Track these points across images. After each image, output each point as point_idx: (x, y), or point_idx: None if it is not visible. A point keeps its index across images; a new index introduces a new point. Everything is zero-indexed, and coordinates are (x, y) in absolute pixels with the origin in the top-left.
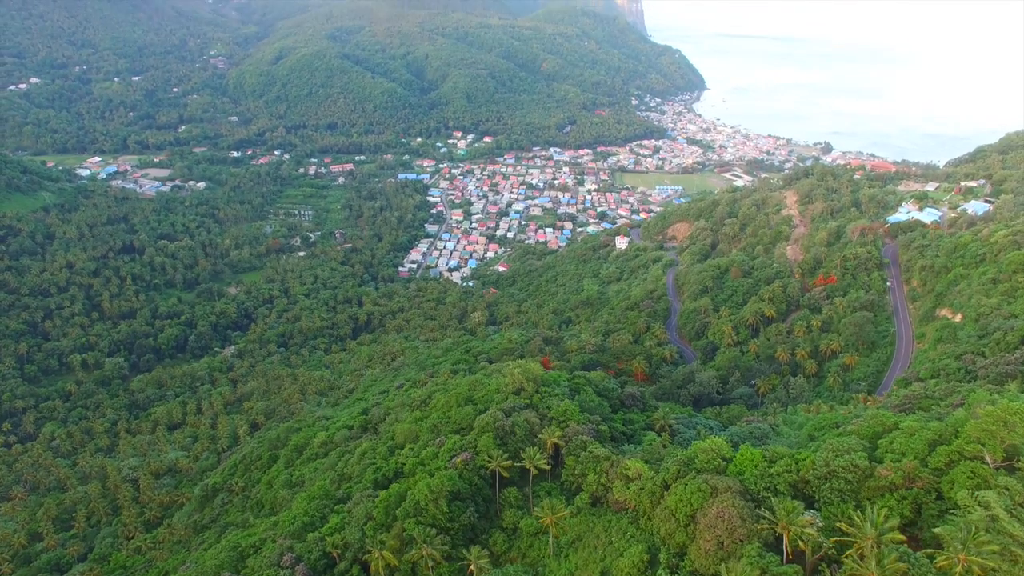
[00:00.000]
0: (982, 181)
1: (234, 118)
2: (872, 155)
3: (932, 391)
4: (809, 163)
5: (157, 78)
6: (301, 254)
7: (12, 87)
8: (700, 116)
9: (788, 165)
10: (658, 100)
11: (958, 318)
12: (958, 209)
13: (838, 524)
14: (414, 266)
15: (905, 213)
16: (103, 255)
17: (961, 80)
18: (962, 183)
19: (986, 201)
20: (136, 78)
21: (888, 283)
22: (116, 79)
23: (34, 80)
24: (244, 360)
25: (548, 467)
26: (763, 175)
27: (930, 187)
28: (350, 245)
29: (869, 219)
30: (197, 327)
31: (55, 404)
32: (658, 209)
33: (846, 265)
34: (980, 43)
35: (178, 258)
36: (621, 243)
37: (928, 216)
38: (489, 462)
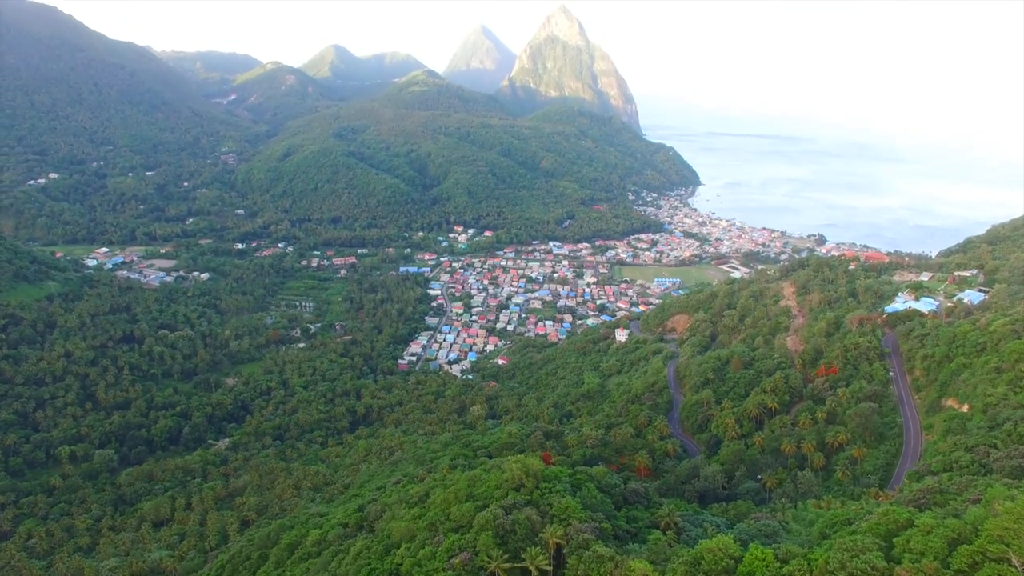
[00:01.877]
0: (975, 271)
1: (241, 211)
2: (865, 246)
3: (946, 485)
4: (804, 255)
5: (169, 173)
6: (301, 346)
7: (31, 182)
8: (696, 210)
9: (783, 257)
10: (654, 195)
11: (965, 408)
12: (954, 299)
13: None
14: (414, 359)
15: (902, 303)
16: (102, 344)
17: (945, 174)
18: (955, 273)
19: (980, 290)
20: (149, 173)
21: (891, 373)
22: (130, 174)
23: (53, 175)
24: (238, 453)
25: (550, 568)
26: (759, 267)
27: (924, 277)
28: (350, 337)
29: (867, 309)
30: (192, 419)
31: (37, 499)
32: (657, 301)
33: (847, 355)
34: (961, 141)
35: (177, 348)
36: (621, 335)
37: (925, 306)
38: (489, 563)
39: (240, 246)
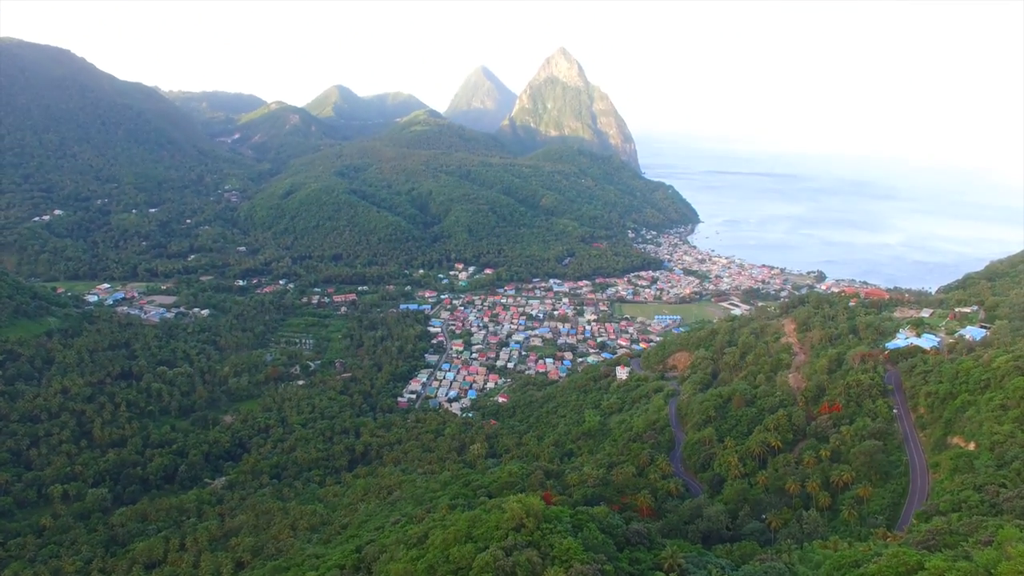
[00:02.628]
0: (975, 307)
1: (242, 248)
2: (865, 282)
3: (956, 526)
4: (804, 291)
5: (173, 210)
6: (300, 383)
7: (36, 218)
8: (695, 247)
9: (784, 293)
10: (654, 233)
11: (971, 446)
12: (956, 335)
13: None
14: (413, 396)
15: (903, 339)
16: (100, 380)
17: (940, 211)
18: (956, 309)
19: (982, 327)
20: (153, 210)
21: (895, 410)
22: (134, 211)
23: (57, 212)
24: (235, 492)
25: None
26: (760, 303)
27: (925, 313)
28: (350, 375)
29: (868, 346)
30: (188, 456)
31: (26, 540)
32: (658, 339)
33: (850, 392)
34: (957, 179)
35: (175, 385)
36: (622, 373)
37: (927, 342)
38: None
39: (241, 283)
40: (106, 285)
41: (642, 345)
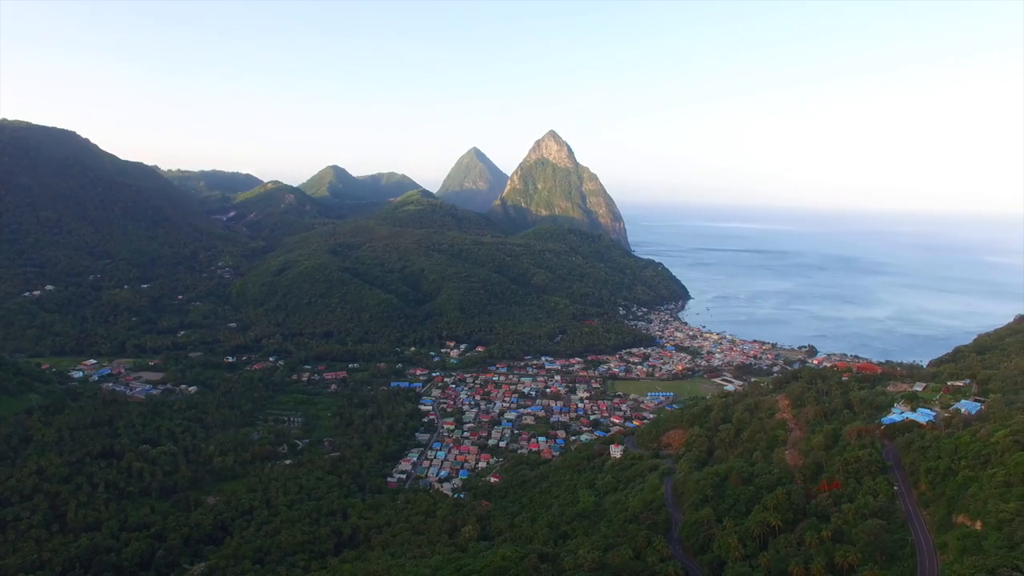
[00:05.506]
0: (967, 380)
1: (233, 324)
2: (856, 356)
3: None
4: (796, 366)
5: (165, 286)
6: (288, 462)
7: (26, 293)
8: (686, 324)
9: (776, 369)
10: (644, 310)
11: (978, 525)
12: (951, 408)
13: None
14: (404, 476)
15: (899, 414)
16: (79, 460)
17: (926, 285)
18: (949, 382)
19: (976, 400)
20: (145, 285)
21: (895, 488)
22: (126, 286)
23: (48, 287)
24: None
25: None
26: (752, 379)
27: (918, 387)
28: (338, 454)
29: (864, 421)
30: (167, 540)
31: None
32: (651, 416)
33: (848, 469)
34: (942, 255)
35: (158, 464)
36: (616, 451)
37: (922, 416)
38: None
39: (231, 359)
40: (92, 361)
41: (635, 422)
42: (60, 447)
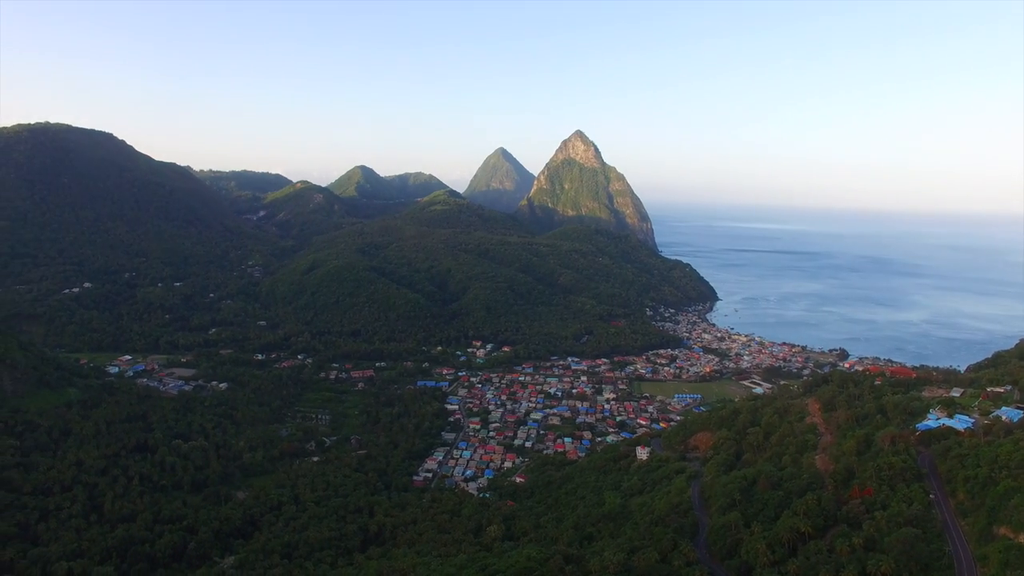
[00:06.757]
0: (1009, 387)
1: (263, 323)
2: (890, 360)
3: None
4: (827, 370)
5: (197, 284)
6: (315, 459)
7: (66, 291)
8: (714, 325)
9: (806, 372)
10: (672, 311)
11: (1021, 538)
12: (990, 416)
13: None
14: (429, 475)
15: (935, 420)
16: (115, 453)
17: (965, 287)
18: (988, 388)
19: (1018, 407)
20: (178, 284)
21: (931, 496)
22: (159, 284)
23: (87, 285)
24: (244, 572)
25: None
26: (781, 382)
27: (955, 392)
28: (365, 452)
29: (897, 426)
30: (199, 533)
31: None
32: (678, 418)
33: (881, 476)
34: (980, 256)
35: (190, 459)
36: (642, 453)
37: (960, 423)
38: None
39: (260, 357)
40: (128, 357)
41: (662, 424)
42: (97, 440)
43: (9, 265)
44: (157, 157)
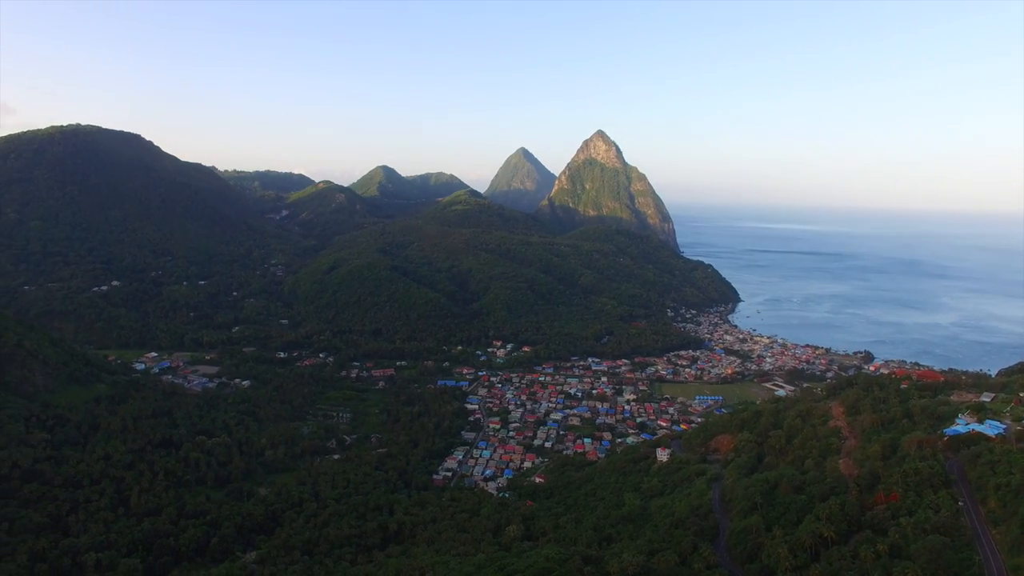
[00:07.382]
0: None
1: (285, 321)
2: (916, 364)
3: None
4: (851, 372)
5: (220, 283)
6: (336, 457)
7: (95, 288)
8: (736, 327)
9: (829, 375)
10: (693, 312)
11: None
12: (1023, 422)
13: None
14: (449, 474)
15: (964, 425)
16: (141, 448)
17: (995, 290)
18: (1021, 394)
19: None
20: (202, 282)
21: (960, 503)
22: (185, 283)
23: (115, 283)
24: (265, 567)
25: None
26: (805, 385)
27: (986, 397)
28: (385, 450)
29: (924, 431)
30: (221, 528)
31: None
32: (699, 420)
33: (907, 481)
34: (1012, 257)
35: (213, 455)
36: (662, 455)
37: (990, 428)
38: None
39: (282, 355)
40: (154, 354)
41: (683, 426)
42: (124, 435)
43: (41, 264)
44: (183, 158)
